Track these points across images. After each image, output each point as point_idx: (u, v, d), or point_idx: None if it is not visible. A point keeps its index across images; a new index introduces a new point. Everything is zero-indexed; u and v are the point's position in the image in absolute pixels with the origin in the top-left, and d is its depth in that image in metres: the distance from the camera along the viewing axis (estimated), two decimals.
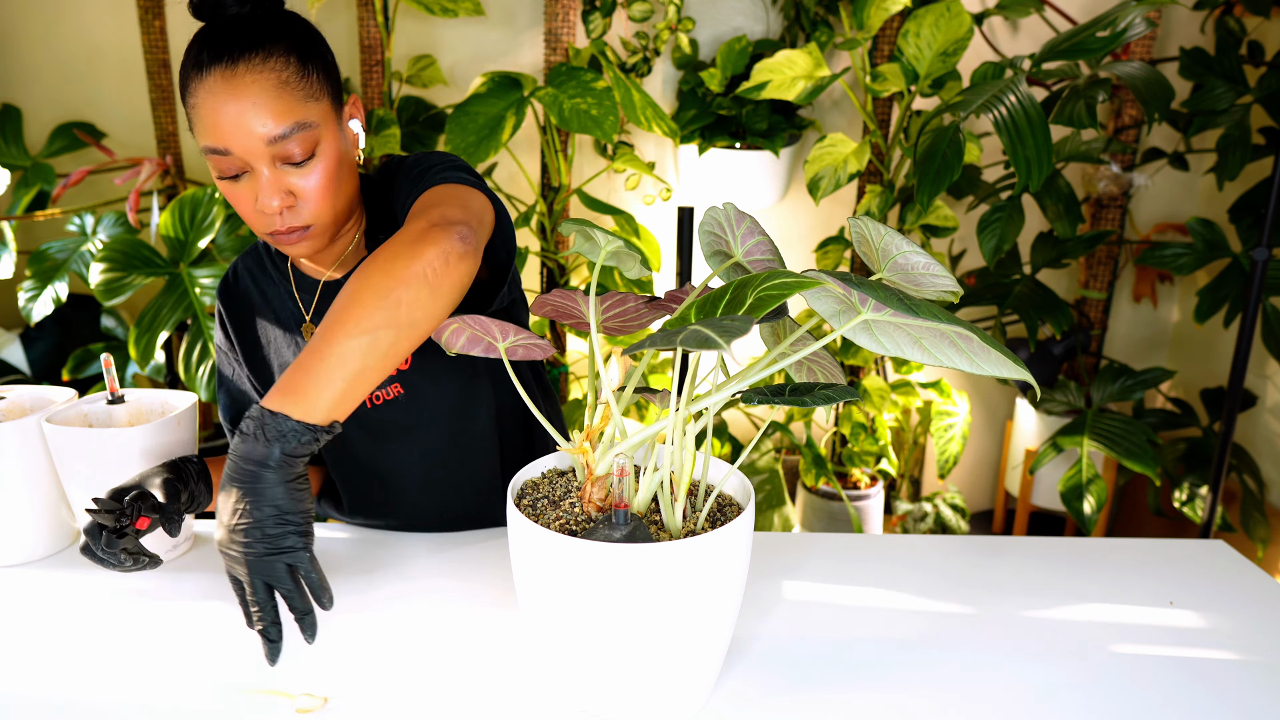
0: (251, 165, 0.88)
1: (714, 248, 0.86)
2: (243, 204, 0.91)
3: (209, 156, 0.89)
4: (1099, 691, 0.82)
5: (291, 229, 0.92)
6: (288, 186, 0.90)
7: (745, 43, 2.21)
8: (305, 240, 0.94)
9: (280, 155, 0.88)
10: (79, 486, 1.00)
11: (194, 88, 0.87)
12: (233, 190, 0.91)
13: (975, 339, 0.62)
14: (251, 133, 0.86)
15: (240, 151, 0.87)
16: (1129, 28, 1.56)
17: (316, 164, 0.90)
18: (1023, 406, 2.46)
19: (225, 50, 0.86)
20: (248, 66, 0.86)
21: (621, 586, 0.68)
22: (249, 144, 0.86)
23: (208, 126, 0.87)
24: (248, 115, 0.85)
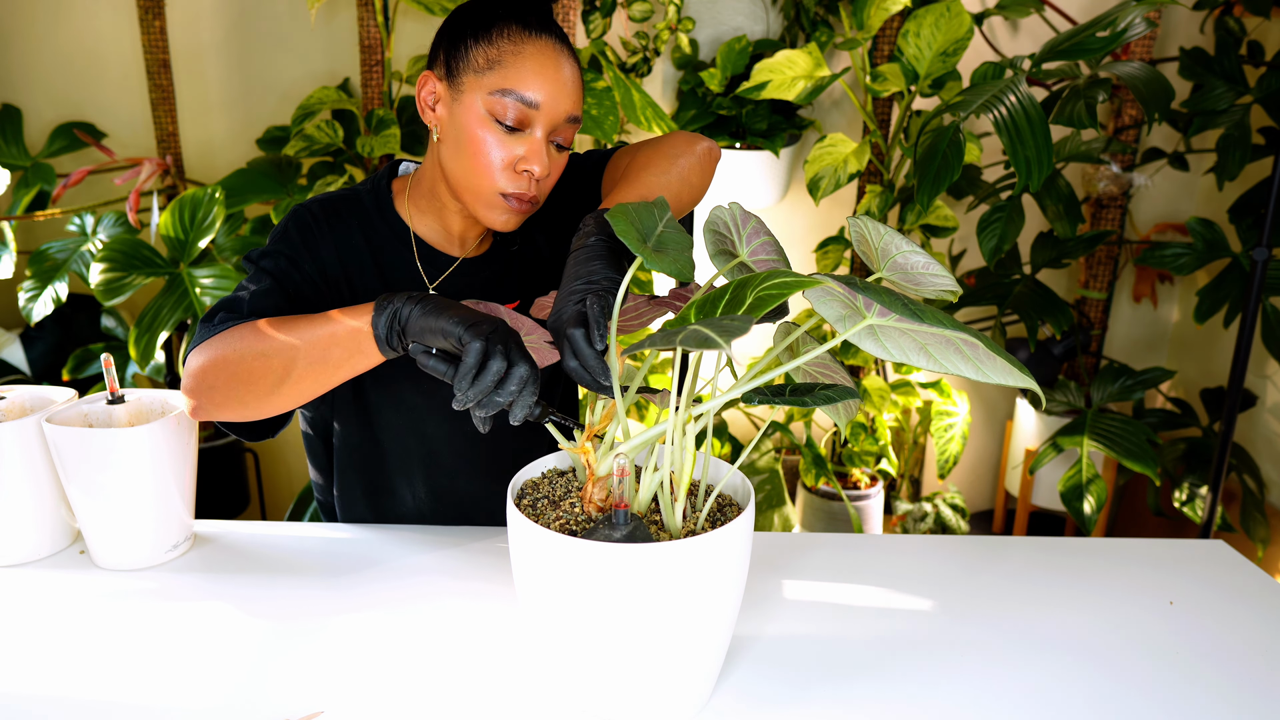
0: (537, 127, 0.95)
1: (719, 247, 0.86)
2: (500, 155, 0.95)
3: (505, 101, 0.94)
4: (1099, 691, 0.82)
5: (532, 198, 0.98)
6: (550, 160, 0.98)
7: (745, 43, 2.21)
8: (524, 214, 1.00)
9: (561, 133, 0.98)
10: (79, 486, 1.00)
11: (518, 37, 0.94)
12: (501, 140, 0.95)
13: (981, 346, 0.62)
14: (562, 105, 0.96)
15: (547, 111, 0.95)
16: (1129, 28, 1.56)
17: (564, 155, 1.01)
18: (1023, 406, 2.46)
19: (554, 28, 0.97)
20: (569, 52, 0.98)
21: (621, 586, 0.68)
22: (556, 111, 0.95)
23: (526, 75, 0.94)
24: (568, 89, 0.96)
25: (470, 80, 0.95)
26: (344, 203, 1.07)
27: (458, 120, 0.96)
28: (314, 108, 2.24)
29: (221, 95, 2.50)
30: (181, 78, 2.46)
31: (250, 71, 2.48)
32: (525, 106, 0.94)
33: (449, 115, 0.98)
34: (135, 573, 1.03)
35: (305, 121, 2.23)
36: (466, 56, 0.95)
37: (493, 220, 1.00)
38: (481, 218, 1.00)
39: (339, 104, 2.23)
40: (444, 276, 1.07)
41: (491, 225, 1.01)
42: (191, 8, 2.42)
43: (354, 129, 2.33)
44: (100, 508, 1.01)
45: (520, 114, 0.94)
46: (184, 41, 2.44)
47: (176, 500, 1.05)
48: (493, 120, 0.95)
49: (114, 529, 1.02)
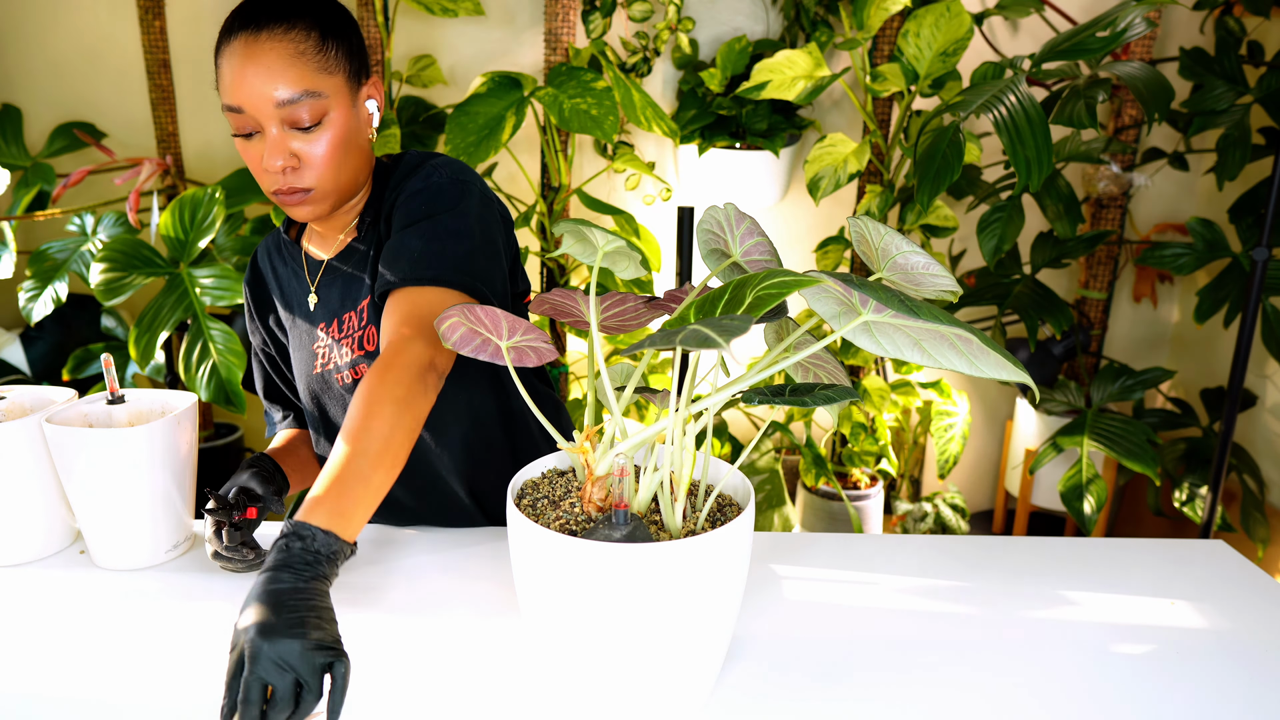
0: (262, 125, 0.96)
1: (712, 246, 0.86)
2: (252, 162, 0.99)
3: (227, 114, 0.97)
4: (1099, 691, 0.82)
5: (293, 189, 0.99)
6: (292, 149, 0.97)
7: (745, 43, 2.21)
8: (306, 204, 1.01)
9: (288, 119, 0.95)
10: (79, 486, 1.00)
11: (222, 49, 0.96)
12: (245, 148, 0.98)
13: (975, 341, 0.62)
14: (263, 95, 0.94)
15: (252, 111, 0.95)
16: (1129, 28, 1.56)
17: (322, 132, 0.98)
18: (1023, 406, 2.46)
19: (253, 18, 0.95)
20: (270, 34, 0.94)
21: (621, 586, 0.68)
22: (260, 105, 0.94)
23: (227, 85, 0.95)
24: (262, 78, 0.94)
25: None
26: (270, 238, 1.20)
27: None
28: None
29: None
30: (181, 78, 2.46)
31: None
32: (237, 114, 0.96)
33: None
34: (135, 573, 1.03)
35: None
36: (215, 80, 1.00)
37: (294, 216, 1.04)
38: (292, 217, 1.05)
39: None
40: (318, 277, 1.13)
41: (301, 220, 1.05)
42: (191, 8, 2.42)
43: None
44: (100, 508, 1.01)
45: (240, 121, 0.96)
46: (184, 41, 2.44)
47: (176, 500, 1.05)
48: (235, 136, 0.99)
49: (114, 529, 1.02)
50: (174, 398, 1.11)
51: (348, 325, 1.08)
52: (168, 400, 1.11)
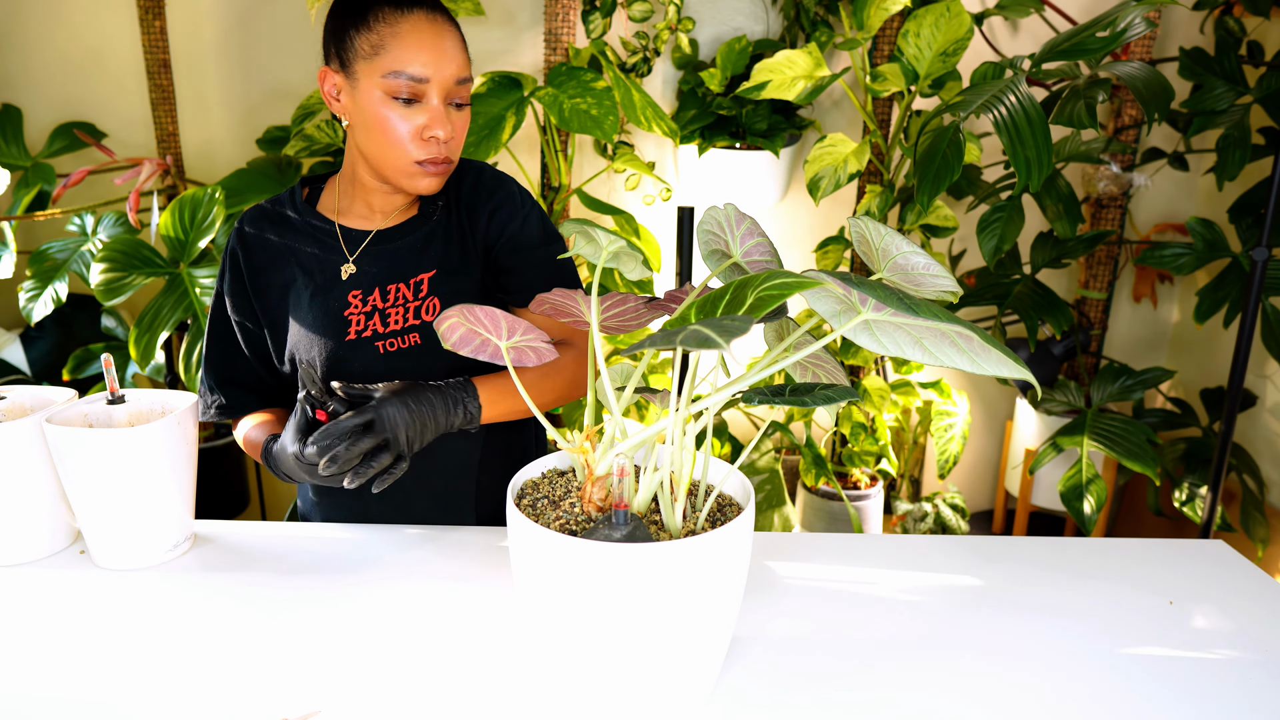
0: (428, 96, 1.04)
1: (712, 247, 0.86)
2: (405, 129, 1.04)
3: (397, 81, 1.02)
4: (1099, 691, 0.82)
5: (445, 160, 1.07)
6: (452, 122, 1.06)
7: (745, 43, 2.21)
8: (444, 175, 1.09)
9: (456, 95, 1.06)
10: (79, 486, 1.00)
11: (392, 18, 1.02)
12: (402, 115, 1.04)
13: (975, 338, 0.62)
14: (447, 70, 1.04)
15: (436, 81, 1.03)
16: (1129, 28, 1.56)
17: (466, 112, 1.09)
18: (1023, 406, 2.46)
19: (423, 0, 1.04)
20: (445, 18, 1.05)
21: (621, 586, 0.68)
22: (444, 76, 1.04)
23: (408, 53, 1.02)
24: (449, 54, 1.04)
25: (362, 67, 1.04)
26: (255, 215, 1.21)
27: (361, 106, 1.05)
28: (314, 108, 2.24)
29: (221, 95, 2.50)
30: (181, 78, 2.46)
31: (250, 71, 2.48)
32: (415, 83, 1.03)
33: (353, 103, 1.07)
34: (135, 573, 1.03)
35: (305, 121, 2.23)
36: (353, 46, 1.04)
37: (417, 187, 1.09)
38: (406, 187, 1.10)
39: None
40: (361, 249, 1.16)
41: (417, 191, 1.10)
42: (191, 8, 2.42)
43: None
44: (100, 508, 1.01)
45: (413, 90, 1.03)
46: (184, 41, 2.44)
47: (176, 500, 1.05)
48: (391, 99, 1.04)
49: (114, 529, 1.02)
50: (174, 398, 1.11)
51: (396, 295, 1.13)
52: (168, 400, 1.11)
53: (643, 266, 0.86)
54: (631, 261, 0.85)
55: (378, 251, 1.15)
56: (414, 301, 1.12)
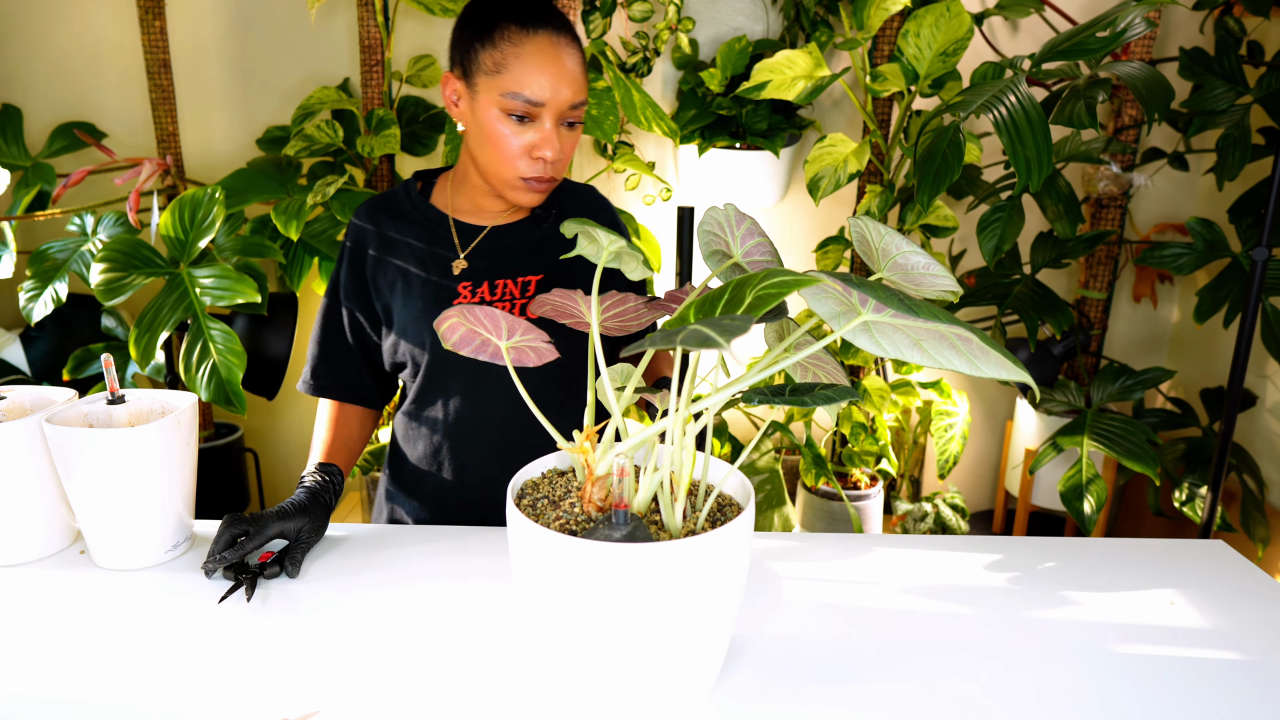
0: (546, 119, 1.07)
1: (712, 247, 0.86)
2: (516, 145, 1.08)
3: (513, 101, 1.05)
4: (1099, 691, 0.82)
5: (549, 179, 1.11)
6: (561, 143, 1.09)
7: (745, 43, 2.21)
8: (544, 191, 1.13)
9: (567, 117, 1.09)
10: (79, 486, 1.00)
11: (517, 38, 1.05)
12: (513, 131, 1.07)
13: (975, 340, 0.62)
14: (563, 94, 1.06)
15: (552, 105, 1.06)
16: (1129, 28, 1.56)
17: (578, 133, 1.12)
18: (1023, 406, 2.46)
19: (550, 20, 1.06)
20: (568, 41, 1.07)
21: (621, 586, 0.68)
22: (559, 101, 1.06)
23: (529, 77, 1.04)
24: (567, 79, 1.06)
25: (483, 81, 1.07)
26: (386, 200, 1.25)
27: (478, 117, 1.09)
28: (314, 108, 2.24)
29: (221, 95, 2.50)
30: (181, 78, 2.46)
31: (250, 71, 2.48)
32: (531, 105, 1.05)
33: (470, 112, 1.10)
34: (135, 573, 1.03)
35: (305, 121, 2.23)
36: (476, 59, 1.07)
37: (519, 199, 1.14)
38: (508, 198, 1.15)
39: (339, 104, 2.23)
40: (474, 244, 1.20)
41: (518, 204, 1.15)
42: (191, 8, 2.42)
43: (354, 129, 2.33)
44: (100, 508, 1.01)
45: (528, 111, 1.06)
46: (184, 41, 2.44)
47: (176, 500, 1.05)
48: (506, 116, 1.07)
49: (114, 529, 1.02)
50: (174, 398, 1.11)
51: (504, 292, 1.17)
52: (168, 400, 1.11)
53: (643, 266, 0.86)
54: (632, 261, 0.85)
55: (490, 247, 1.19)
56: (520, 299, 1.18)
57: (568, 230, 0.85)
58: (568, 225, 0.84)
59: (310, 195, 2.05)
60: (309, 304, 2.58)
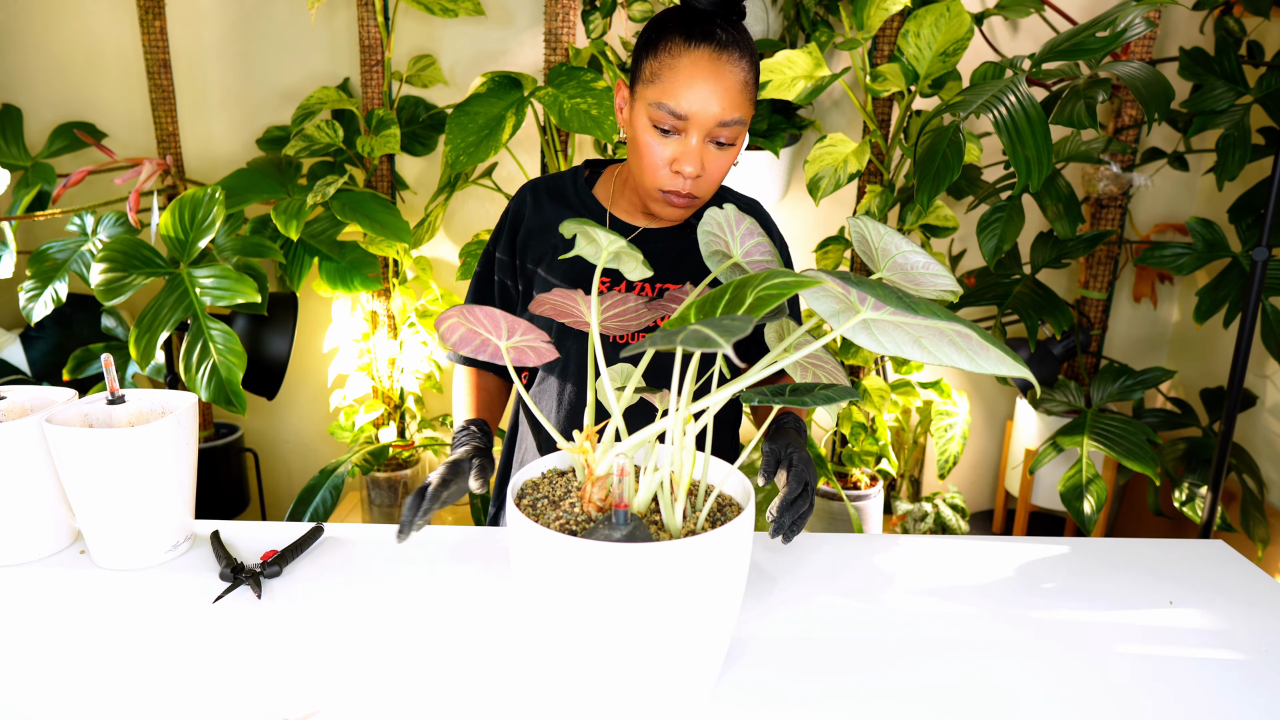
0: (692, 134, 1.04)
1: (713, 248, 0.86)
2: (659, 157, 1.06)
3: (657, 111, 1.04)
4: (1099, 691, 0.82)
5: (689, 195, 1.09)
6: (705, 161, 1.06)
7: None
8: (687, 208, 1.12)
9: (715, 135, 1.05)
10: (79, 486, 1.00)
11: (677, 50, 1.03)
12: (658, 144, 1.06)
13: (974, 337, 0.62)
14: (711, 110, 1.02)
15: (698, 119, 1.03)
16: (1129, 28, 1.56)
17: (730, 152, 1.08)
18: (1023, 406, 2.46)
19: (718, 35, 1.03)
20: (729, 57, 1.03)
21: (621, 586, 0.68)
22: (705, 117, 1.03)
23: (678, 89, 1.02)
24: (718, 96, 1.02)
25: (640, 90, 1.07)
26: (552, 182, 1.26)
27: (633, 125, 1.09)
28: (314, 108, 2.24)
29: (221, 95, 2.50)
30: (181, 78, 2.46)
31: (250, 71, 2.48)
32: (676, 118, 1.03)
33: (629, 120, 1.11)
34: (135, 573, 1.03)
35: (305, 121, 2.23)
36: (640, 69, 1.08)
37: (660, 212, 1.13)
38: (651, 209, 1.14)
39: (339, 104, 2.23)
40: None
41: (660, 215, 1.15)
42: (191, 8, 2.42)
43: (354, 129, 2.33)
44: (100, 508, 1.01)
45: (670, 121, 1.04)
46: (184, 41, 2.44)
47: (176, 500, 1.05)
48: (653, 127, 1.06)
49: (114, 529, 1.02)
50: (174, 398, 1.11)
51: (639, 293, 1.16)
52: (168, 400, 1.11)
53: (642, 266, 0.86)
54: (631, 261, 0.85)
55: (644, 250, 1.18)
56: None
57: (566, 230, 0.85)
58: (568, 225, 0.84)
59: (310, 195, 2.05)
60: (309, 304, 2.58)
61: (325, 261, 2.26)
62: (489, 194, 2.54)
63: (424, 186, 2.55)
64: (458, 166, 1.95)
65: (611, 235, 0.82)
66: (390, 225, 2.09)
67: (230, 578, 0.99)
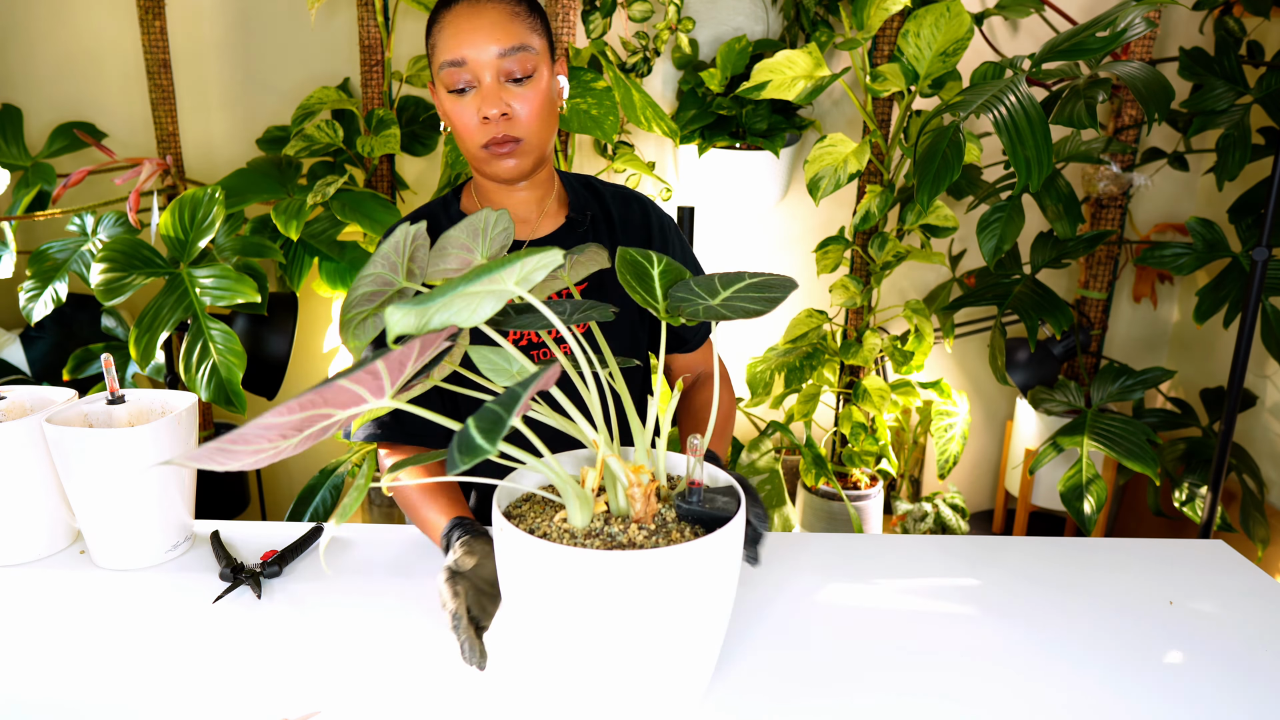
0: (479, 77, 1.04)
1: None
2: (465, 116, 1.06)
3: (444, 73, 1.04)
4: (1099, 691, 0.82)
5: (507, 138, 1.06)
6: (507, 100, 1.05)
7: (745, 43, 2.21)
8: (515, 155, 1.08)
9: (504, 71, 1.04)
10: (79, 486, 1.00)
11: (440, 17, 1.05)
12: (458, 105, 1.05)
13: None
14: (485, 46, 1.02)
15: (472, 62, 1.03)
16: (1129, 28, 1.56)
17: (532, 86, 1.06)
18: (1023, 406, 2.46)
19: None
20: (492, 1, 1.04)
21: (611, 592, 0.68)
22: (481, 55, 1.03)
23: (448, 42, 1.03)
24: (484, 31, 1.03)
25: (433, 70, 1.08)
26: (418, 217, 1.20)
27: (439, 104, 1.08)
28: (314, 108, 2.24)
29: (221, 95, 2.50)
30: (181, 78, 2.46)
31: (250, 71, 2.48)
32: (457, 68, 1.04)
33: (439, 105, 1.09)
34: (135, 573, 1.03)
35: (305, 121, 2.23)
36: (429, 56, 1.08)
37: (496, 173, 1.10)
38: (489, 175, 1.11)
39: (339, 104, 2.23)
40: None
41: (499, 178, 1.11)
42: (191, 8, 2.42)
43: (354, 129, 2.33)
44: (100, 508, 1.01)
45: (457, 76, 1.04)
46: (184, 41, 2.44)
47: (176, 500, 1.05)
48: (449, 93, 1.06)
49: (114, 529, 1.02)
50: (174, 398, 1.11)
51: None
52: (168, 400, 1.11)
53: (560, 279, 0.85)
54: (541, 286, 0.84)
55: None
56: None
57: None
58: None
59: (310, 195, 2.05)
60: (309, 304, 2.58)
61: (325, 261, 2.26)
62: None
63: (424, 186, 2.55)
64: (458, 167, 1.95)
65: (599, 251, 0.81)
66: (390, 225, 2.09)
67: (230, 578, 0.99)
